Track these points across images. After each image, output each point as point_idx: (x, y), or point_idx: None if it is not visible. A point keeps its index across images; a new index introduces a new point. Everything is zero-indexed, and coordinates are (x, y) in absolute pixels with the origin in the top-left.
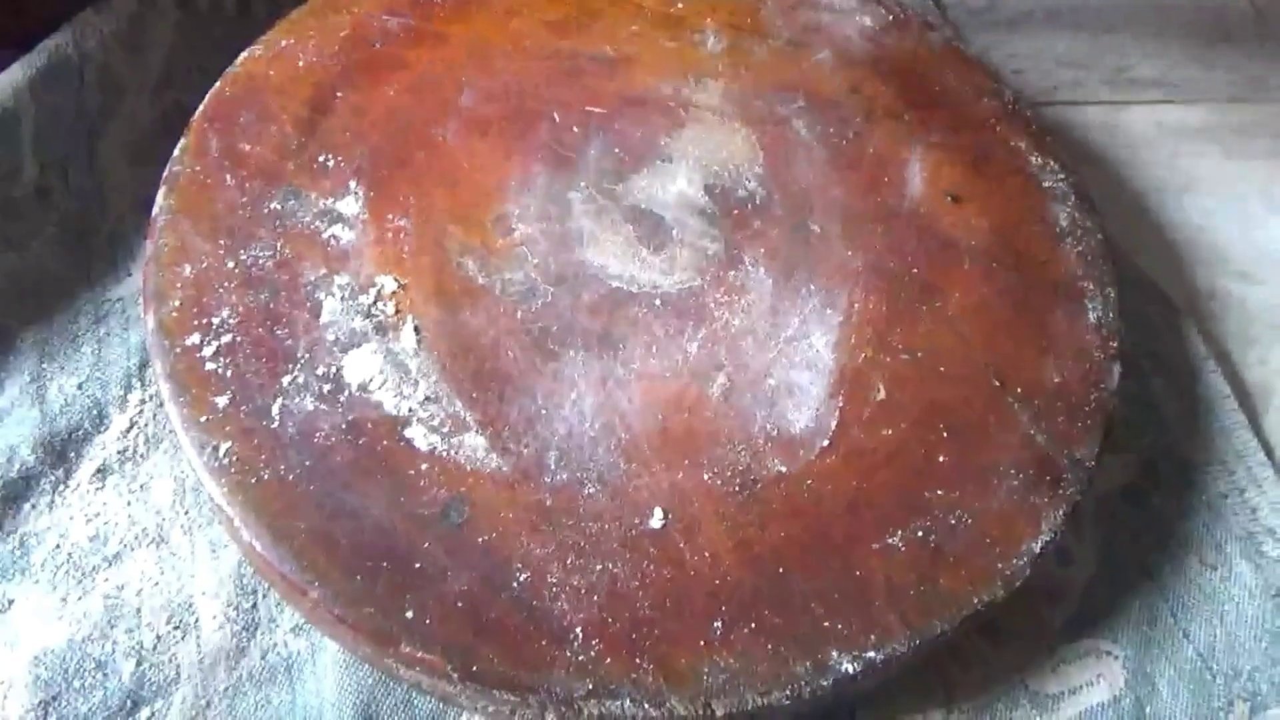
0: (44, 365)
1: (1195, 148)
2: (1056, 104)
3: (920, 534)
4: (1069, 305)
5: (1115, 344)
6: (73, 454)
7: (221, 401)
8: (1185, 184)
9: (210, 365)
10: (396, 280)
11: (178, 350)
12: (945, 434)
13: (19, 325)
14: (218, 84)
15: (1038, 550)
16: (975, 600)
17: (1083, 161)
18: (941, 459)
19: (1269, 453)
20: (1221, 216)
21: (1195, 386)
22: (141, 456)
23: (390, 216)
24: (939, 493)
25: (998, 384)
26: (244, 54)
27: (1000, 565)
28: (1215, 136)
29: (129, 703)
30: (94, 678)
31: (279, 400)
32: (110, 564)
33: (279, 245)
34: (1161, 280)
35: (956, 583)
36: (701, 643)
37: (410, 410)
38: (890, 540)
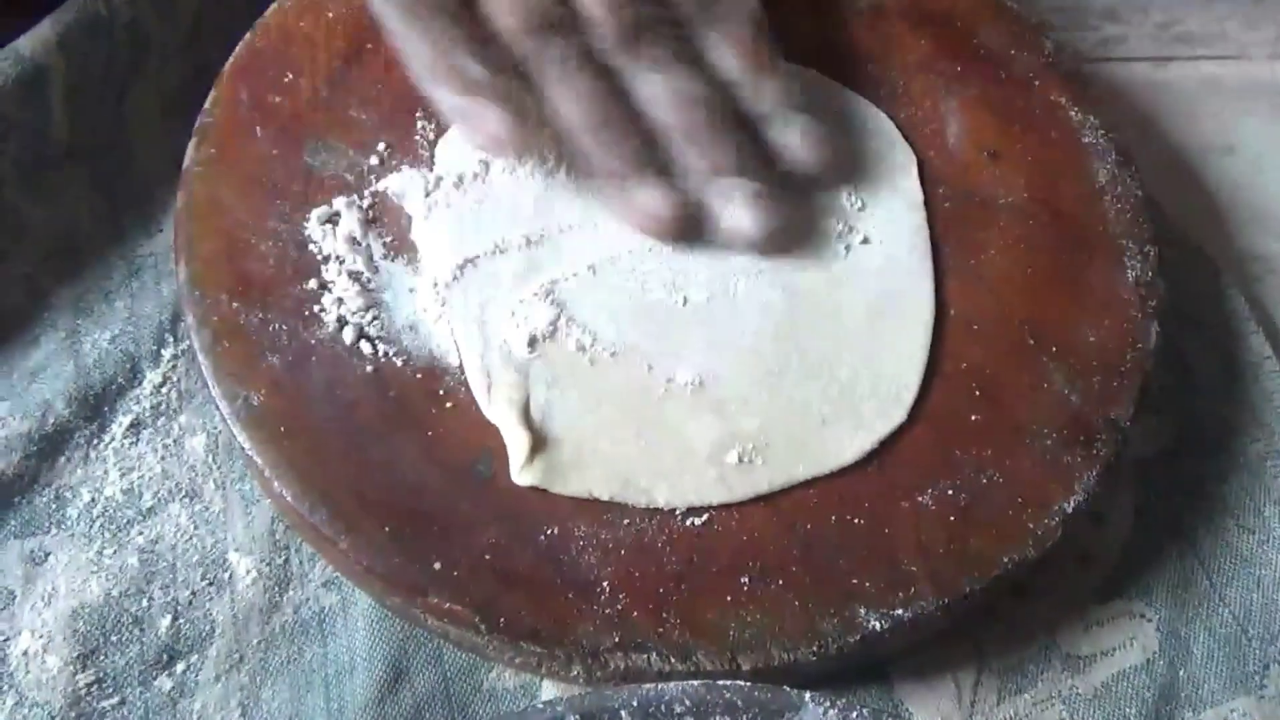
0: (79, 321)
1: (1241, 105)
2: (1098, 60)
3: (951, 493)
4: (1107, 263)
5: (1154, 303)
6: (106, 408)
7: (253, 353)
8: (1230, 143)
9: (241, 317)
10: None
11: (209, 302)
12: (978, 392)
13: (53, 281)
14: (247, 35)
15: (1069, 510)
16: (1005, 560)
17: (1124, 118)
18: (974, 417)
19: None
20: (1267, 177)
21: (1236, 348)
22: (175, 411)
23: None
24: (971, 451)
25: (1032, 342)
26: (274, 4)
27: (1031, 525)
28: (1261, 94)
29: (165, 656)
30: (131, 632)
31: (310, 353)
32: (145, 518)
33: (309, 197)
34: (1203, 241)
35: (986, 542)
36: (728, 598)
37: (440, 364)
38: (920, 499)
